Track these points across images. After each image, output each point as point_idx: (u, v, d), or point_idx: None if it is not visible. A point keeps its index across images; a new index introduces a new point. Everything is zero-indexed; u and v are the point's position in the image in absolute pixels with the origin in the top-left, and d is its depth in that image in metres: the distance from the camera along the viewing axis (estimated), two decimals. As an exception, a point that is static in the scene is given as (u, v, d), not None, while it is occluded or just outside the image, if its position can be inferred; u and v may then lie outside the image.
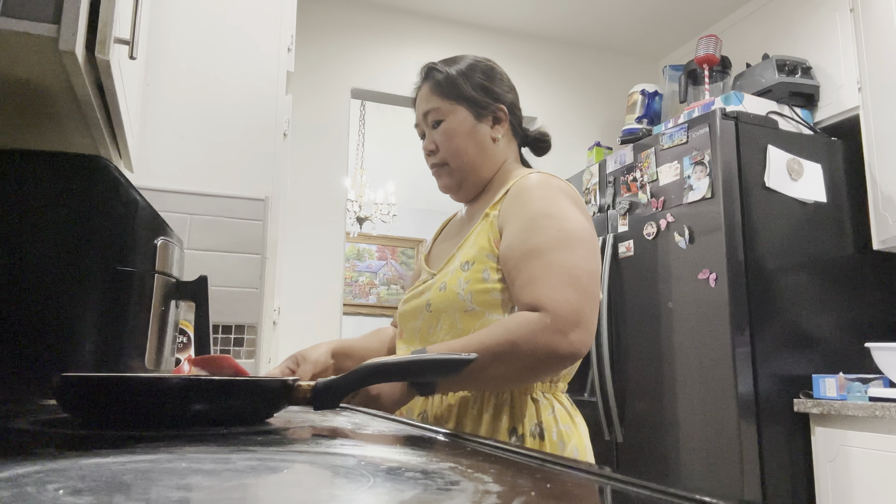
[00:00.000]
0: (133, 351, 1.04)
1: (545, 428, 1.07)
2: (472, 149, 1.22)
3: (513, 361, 0.98)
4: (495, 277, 1.09)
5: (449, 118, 1.23)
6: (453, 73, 1.23)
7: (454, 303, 1.10)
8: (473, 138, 1.22)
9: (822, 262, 2.51)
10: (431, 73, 1.27)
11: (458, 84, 1.23)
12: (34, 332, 0.99)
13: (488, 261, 1.10)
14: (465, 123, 1.22)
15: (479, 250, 1.12)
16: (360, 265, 6.89)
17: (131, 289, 1.05)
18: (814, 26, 2.94)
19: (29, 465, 0.38)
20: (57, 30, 0.77)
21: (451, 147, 1.22)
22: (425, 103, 1.26)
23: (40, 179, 1.03)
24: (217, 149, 1.97)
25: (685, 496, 0.34)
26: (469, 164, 1.23)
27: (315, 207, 3.28)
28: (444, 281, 1.13)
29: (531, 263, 1.03)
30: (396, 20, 3.61)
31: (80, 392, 0.64)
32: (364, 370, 0.73)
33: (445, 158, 1.23)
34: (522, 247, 1.05)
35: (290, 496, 0.35)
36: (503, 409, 1.07)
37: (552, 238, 1.04)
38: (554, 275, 1.01)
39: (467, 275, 1.10)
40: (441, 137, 1.23)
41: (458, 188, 1.26)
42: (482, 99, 1.23)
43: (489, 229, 1.14)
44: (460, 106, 1.22)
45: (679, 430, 2.45)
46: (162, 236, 1.11)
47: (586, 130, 3.82)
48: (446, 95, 1.23)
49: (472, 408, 1.09)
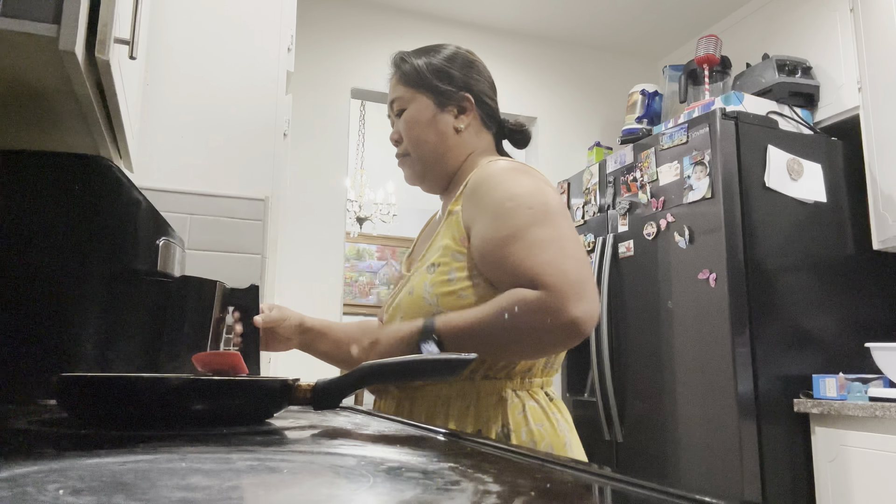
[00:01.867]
0: (134, 351, 1.04)
1: (513, 429, 1.03)
2: (433, 138, 1.20)
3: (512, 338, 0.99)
4: (462, 276, 1.06)
5: (410, 107, 1.21)
6: (420, 62, 1.22)
7: (421, 307, 1.07)
8: (434, 127, 1.19)
9: (822, 262, 2.51)
10: (400, 62, 1.25)
11: (421, 73, 1.21)
12: (34, 332, 0.99)
13: (453, 261, 1.07)
14: (426, 112, 1.20)
15: (444, 250, 1.09)
16: (360, 265, 6.90)
17: (132, 289, 1.05)
18: (814, 26, 2.94)
19: (29, 465, 0.38)
20: (57, 30, 0.77)
21: (412, 136, 1.20)
22: (392, 91, 1.25)
23: (41, 179, 1.03)
24: (217, 149, 1.97)
25: (685, 496, 0.34)
26: (430, 154, 1.20)
27: (315, 207, 3.28)
28: (412, 284, 1.11)
29: (513, 247, 1.00)
30: (396, 20, 3.61)
31: (80, 392, 0.64)
32: (363, 370, 0.73)
33: (407, 148, 1.22)
34: (497, 236, 1.02)
35: (290, 496, 0.35)
36: (468, 410, 1.04)
37: (525, 217, 1.01)
38: (542, 251, 0.98)
39: (433, 277, 1.08)
40: (403, 126, 1.21)
41: (422, 179, 1.24)
42: (445, 88, 1.20)
43: (454, 228, 1.10)
44: (422, 95, 1.20)
45: (679, 430, 2.45)
46: (164, 236, 1.11)
47: (586, 130, 3.82)
48: (409, 84, 1.21)
49: (440, 411, 1.05)
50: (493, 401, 1.04)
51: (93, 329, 1.01)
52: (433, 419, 1.05)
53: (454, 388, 1.05)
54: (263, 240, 1.95)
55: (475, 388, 1.05)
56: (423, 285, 1.08)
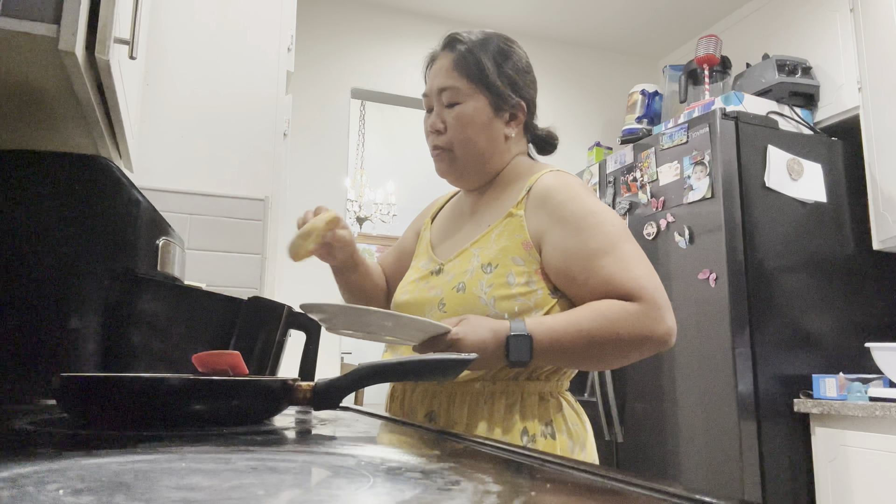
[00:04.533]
0: (135, 352, 1.04)
1: (556, 428, 1.06)
2: (484, 142, 1.15)
3: (611, 348, 1.00)
4: (520, 281, 1.05)
5: (467, 103, 1.13)
6: (487, 60, 1.14)
7: (475, 307, 1.04)
8: (487, 131, 1.15)
9: (822, 262, 2.51)
10: (455, 43, 1.16)
11: (485, 69, 1.13)
12: (34, 332, 0.99)
13: (513, 264, 1.06)
14: (483, 113, 1.14)
15: (502, 252, 1.07)
16: (360, 265, 6.88)
17: (132, 289, 1.05)
18: (814, 26, 2.94)
19: (29, 465, 0.38)
20: (57, 30, 0.77)
21: (462, 135, 1.14)
22: (444, 77, 1.15)
23: (41, 179, 1.03)
24: (217, 149, 1.97)
25: (685, 496, 0.34)
26: (476, 156, 1.15)
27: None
28: (461, 281, 1.07)
29: (604, 260, 1.01)
30: (396, 20, 3.61)
31: (80, 392, 0.64)
32: (364, 370, 0.73)
33: (452, 144, 1.15)
34: (584, 249, 1.03)
35: (290, 496, 0.35)
36: (514, 409, 1.05)
37: (612, 233, 1.04)
38: (635, 265, 1.02)
39: (490, 278, 1.05)
40: (453, 121, 1.14)
41: (459, 176, 1.19)
42: (507, 93, 1.15)
43: (516, 230, 1.08)
44: (482, 94, 1.13)
45: (679, 431, 2.45)
46: (164, 236, 1.11)
47: (586, 130, 3.82)
48: (471, 77, 1.14)
49: (483, 408, 1.06)
50: (536, 400, 1.07)
51: (94, 329, 1.01)
52: (476, 416, 1.05)
53: (498, 386, 1.06)
54: (263, 240, 1.95)
55: (519, 388, 1.07)
56: (479, 285, 1.05)
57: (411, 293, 1.16)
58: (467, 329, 0.96)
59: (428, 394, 1.11)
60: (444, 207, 1.34)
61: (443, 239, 1.24)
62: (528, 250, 1.07)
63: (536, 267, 1.07)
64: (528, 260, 1.07)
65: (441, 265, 1.15)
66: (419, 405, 1.11)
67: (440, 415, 1.08)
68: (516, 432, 1.04)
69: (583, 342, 0.98)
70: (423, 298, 1.12)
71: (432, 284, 1.13)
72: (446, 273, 1.12)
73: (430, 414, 1.09)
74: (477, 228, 1.16)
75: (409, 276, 1.23)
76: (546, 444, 1.05)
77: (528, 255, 1.07)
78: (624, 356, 1.04)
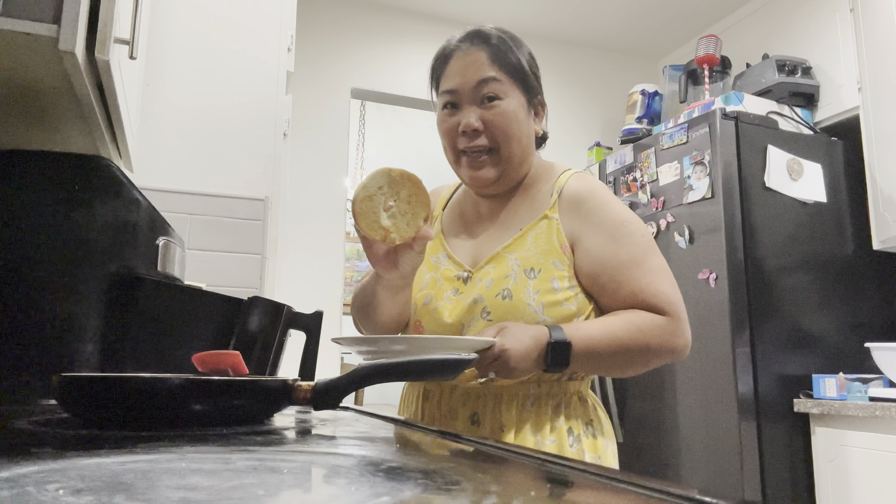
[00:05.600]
0: (136, 352, 1.04)
1: (595, 427, 1.08)
2: (525, 139, 1.11)
3: (639, 358, 1.03)
4: (563, 286, 1.04)
5: (510, 97, 1.08)
6: (514, 48, 1.11)
7: (524, 314, 1.01)
8: (527, 129, 1.11)
9: (822, 262, 2.51)
10: (484, 37, 1.11)
11: (520, 64, 1.10)
12: (34, 333, 0.99)
13: (554, 269, 1.05)
14: (523, 111, 1.10)
15: (543, 255, 1.06)
16: (361, 265, 6.89)
17: (132, 289, 1.05)
18: (814, 26, 2.94)
19: (29, 465, 0.38)
20: (57, 30, 0.77)
21: (510, 131, 1.07)
22: (484, 69, 1.08)
23: (41, 179, 1.03)
24: (217, 149, 1.97)
25: (685, 496, 0.34)
26: (518, 154, 1.10)
27: (315, 207, 3.28)
28: (505, 287, 1.04)
29: (634, 272, 1.04)
30: (396, 20, 3.61)
31: (80, 392, 0.64)
32: (364, 370, 0.73)
33: (497, 143, 1.08)
34: (616, 259, 1.05)
35: (290, 496, 0.35)
36: (560, 409, 1.06)
37: (642, 244, 1.06)
38: (661, 279, 1.05)
39: (536, 283, 1.04)
40: (499, 118, 1.07)
41: (499, 179, 1.11)
42: (535, 89, 1.13)
43: (553, 233, 1.07)
44: (519, 90, 1.10)
45: (679, 431, 2.45)
46: (164, 236, 1.11)
47: (586, 130, 3.82)
48: (510, 72, 1.09)
49: (531, 410, 1.05)
50: (577, 401, 1.09)
51: (93, 329, 1.01)
52: (524, 418, 1.05)
53: (542, 388, 1.07)
54: (263, 240, 1.95)
55: (562, 389, 1.08)
56: (527, 291, 1.03)
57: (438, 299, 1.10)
58: (512, 340, 0.94)
59: (471, 395, 1.08)
60: (451, 202, 1.26)
61: (459, 239, 1.18)
62: (566, 254, 1.07)
63: (573, 271, 1.07)
64: (567, 264, 1.07)
65: (470, 272, 1.10)
66: (460, 406, 1.08)
67: (485, 416, 1.06)
68: (563, 432, 1.05)
69: (615, 351, 1.00)
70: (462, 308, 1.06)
71: (466, 292, 1.08)
72: (479, 279, 1.08)
73: (474, 416, 1.07)
74: (505, 233, 1.12)
75: (424, 273, 1.15)
76: (589, 444, 1.06)
77: (567, 259, 1.07)
78: (646, 365, 1.06)
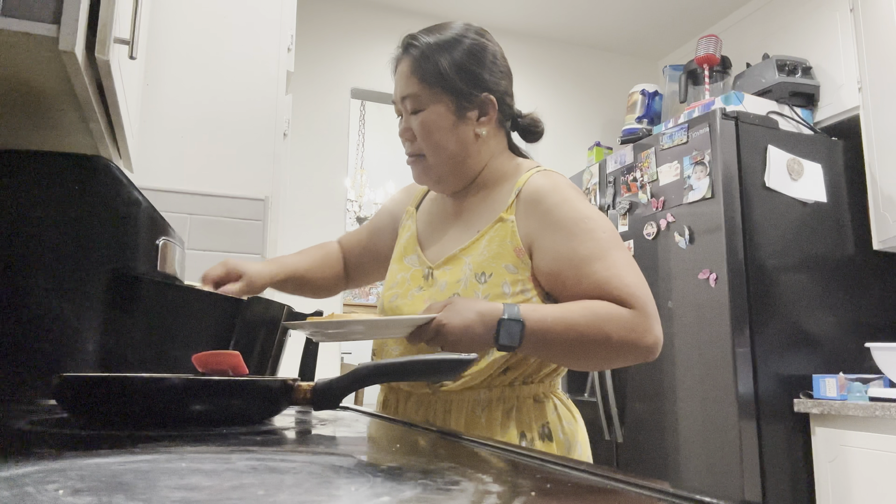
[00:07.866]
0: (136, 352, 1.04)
1: (552, 429, 1.07)
2: (453, 145, 1.11)
3: (598, 349, 0.99)
4: (515, 290, 1.04)
5: (429, 109, 1.10)
6: (443, 60, 1.10)
7: None
8: (454, 134, 1.11)
9: (822, 262, 2.51)
10: (409, 47, 1.13)
11: (441, 70, 1.09)
12: (34, 332, 0.99)
13: (506, 272, 1.04)
14: (446, 118, 1.10)
15: (495, 260, 1.06)
16: (360, 265, 6.89)
17: (132, 289, 1.05)
18: (814, 26, 2.94)
19: (29, 465, 0.38)
20: (57, 30, 0.77)
21: (430, 142, 1.11)
22: (404, 85, 1.13)
23: (41, 179, 1.03)
24: (217, 149, 1.97)
25: (685, 496, 0.34)
26: (449, 160, 1.12)
27: (315, 207, 3.28)
28: (455, 292, 1.06)
29: (595, 266, 1.01)
30: (396, 20, 3.61)
31: (80, 392, 0.64)
32: (363, 370, 0.73)
33: (422, 151, 1.13)
34: (576, 255, 1.02)
35: (290, 496, 0.35)
36: (511, 414, 1.05)
37: (602, 240, 1.03)
38: (626, 273, 1.01)
39: (485, 288, 1.04)
40: (419, 129, 1.11)
41: (437, 182, 1.16)
42: (468, 91, 1.10)
43: (507, 236, 1.07)
44: (443, 96, 1.10)
45: (679, 431, 2.45)
46: (164, 236, 1.11)
47: (586, 130, 3.82)
48: (427, 81, 1.10)
49: (480, 416, 1.05)
50: (531, 404, 1.07)
51: (93, 329, 1.01)
52: (474, 424, 1.05)
53: (494, 392, 1.06)
54: (263, 240, 1.95)
55: (515, 393, 1.07)
56: (475, 296, 1.04)
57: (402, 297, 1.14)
58: (451, 314, 0.94)
59: (423, 403, 1.09)
60: (427, 198, 1.30)
61: (430, 237, 1.21)
62: (521, 257, 1.06)
63: (529, 274, 1.06)
64: (521, 267, 1.05)
65: (431, 269, 1.13)
66: (414, 414, 1.10)
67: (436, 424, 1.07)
68: (514, 437, 1.04)
69: (572, 337, 0.97)
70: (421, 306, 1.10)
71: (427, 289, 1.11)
72: (437, 281, 1.11)
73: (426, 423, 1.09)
74: (465, 233, 1.13)
75: (395, 273, 1.19)
76: (543, 446, 1.05)
77: (521, 262, 1.06)
78: (608, 359, 1.04)
